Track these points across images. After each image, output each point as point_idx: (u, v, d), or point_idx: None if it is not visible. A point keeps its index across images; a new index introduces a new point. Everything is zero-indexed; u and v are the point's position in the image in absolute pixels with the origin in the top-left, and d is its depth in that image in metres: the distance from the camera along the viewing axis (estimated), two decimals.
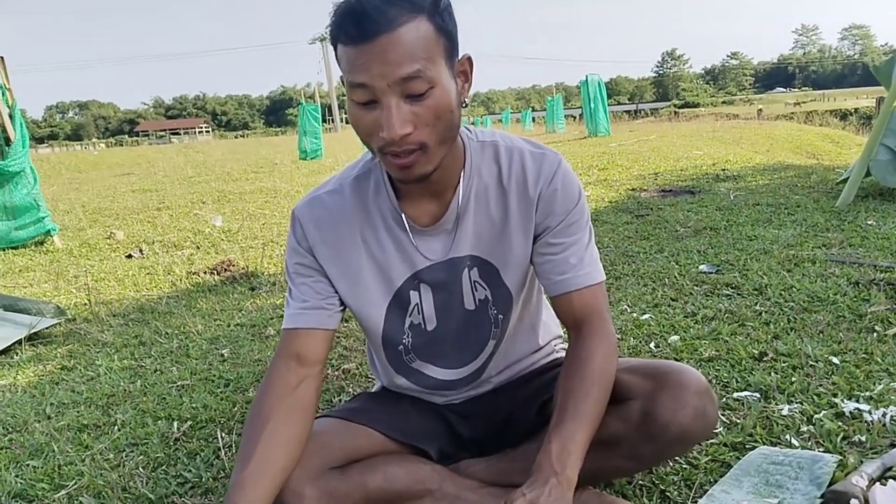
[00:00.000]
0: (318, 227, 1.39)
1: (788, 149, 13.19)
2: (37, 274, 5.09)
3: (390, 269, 1.40)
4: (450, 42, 1.16)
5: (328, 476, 1.33)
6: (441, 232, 1.38)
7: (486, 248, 1.40)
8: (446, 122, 1.18)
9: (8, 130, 6.13)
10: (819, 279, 3.04)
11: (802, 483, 1.52)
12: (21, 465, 2.02)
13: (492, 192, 1.38)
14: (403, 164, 1.18)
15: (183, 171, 16.59)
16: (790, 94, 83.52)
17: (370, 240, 1.39)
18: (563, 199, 1.36)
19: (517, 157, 1.37)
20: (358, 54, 1.10)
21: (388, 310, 1.43)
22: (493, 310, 1.46)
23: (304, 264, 1.41)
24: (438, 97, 1.14)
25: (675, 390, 1.28)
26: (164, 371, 2.72)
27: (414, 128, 1.14)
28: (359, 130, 1.18)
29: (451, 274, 1.41)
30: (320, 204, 1.40)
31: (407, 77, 1.10)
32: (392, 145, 1.14)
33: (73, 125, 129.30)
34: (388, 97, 1.11)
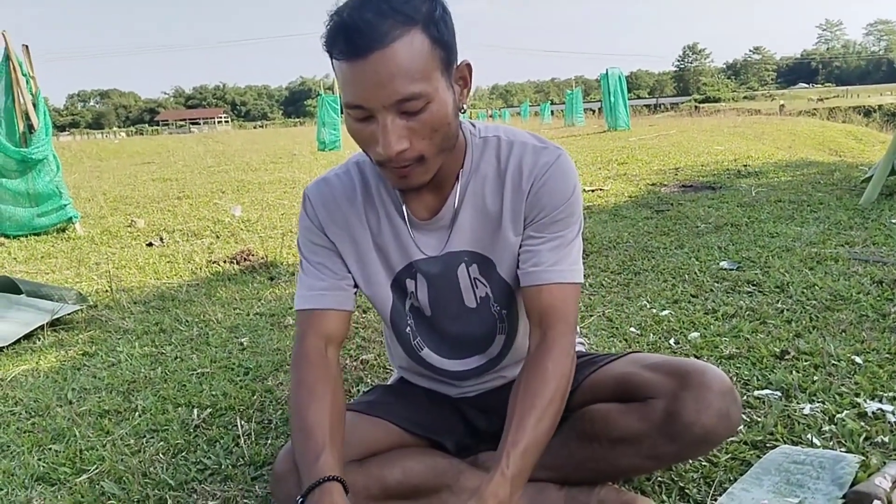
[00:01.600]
0: (327, 207, 1.41)
1: (811, 145, 13.06)
2: (59, 260, 5.14)
3: (389, 256, 1.42)
4: (446, 52, 1.14)
5: (346, 469, 1.32)
6: (438, 228, 1.38)
7: (483, 242, 1.39)
8: (443, 134, 1.17)
9: (31, 118, 6.19)
10: (842, 277, 3.01)
11: (824, 483, 1.50)
12: (43, 449, 2.05)
13: (489, 185, 1.36)
14: (400, 175, 1.19)
15: (202, 160, 16.70)
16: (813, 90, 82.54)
17: (373, 224, 1.41)
18: (552, 193, 1.32)
19: (517, 149, 1.36)
20: (351, 71, 1.09)
21: (392, 293, 1.46)
22: (495, 306, 1.45)
23: (318, 243, 1.43)
24: (434, 111, 1.13)
25: (699, 391, 1.27)
26: (184, 358, 2.74)
27: (410, 143, 1.14)
28: (355, 139, 1.19)
29: (445, 268, 1.40)
30: (328, 185, 1.43)
31: (402, 98, 1.09)
32: (389, 161, 1.15)
33: (94, 114, 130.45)
34: (382, 115, 1.11)
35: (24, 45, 6.23)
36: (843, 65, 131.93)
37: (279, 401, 2.26)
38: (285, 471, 1.29)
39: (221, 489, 1.74)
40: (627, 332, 2.61)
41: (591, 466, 1.42)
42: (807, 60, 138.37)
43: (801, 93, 75.19)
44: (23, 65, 6.14)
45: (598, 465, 1.41)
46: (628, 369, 1.41)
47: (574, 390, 1.44)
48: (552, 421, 1.24)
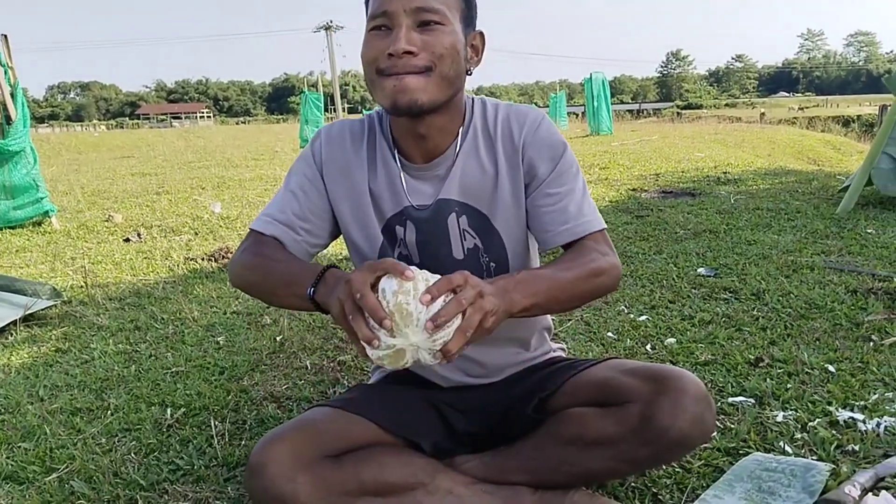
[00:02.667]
0: (333, 145, 1.51)
1: (790, 154, 13.20)
2: (33, 255, 5.07)
3: (382, 202, 1.49)
4: (468, 9, 1.32)
5: (322, 464, 1.32)
6: (432, 176, 1.47)
7: (476, 196, 1.46)
8: (450, 61, 1.30)
9: (9, 109, 6.10)
10: (817, 286, 3.04)
11: (795, 491, 1.52)
12: (13, 447, 2.02)
13: (481, 142, 1.46)
14: (399, 87, 1.27)
15: (183, 155, 16.57)
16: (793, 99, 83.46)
17: (371, 172, 1.49)
18: (548, 147, 1.44)
19: (502, 109, 1.48)
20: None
21: (382, 239, 1.51)
22: (484, 257, 1.49)
23: (308, 177, 1.51)
24: (447, 33, 1.28)
25: (675, 395, 1.28)
26: (158, 357, 2.72)
27: (420, 50, 1.26)
28: (367, 57, 1.32)
29: (435, 215, 1.46)
30: (342, 128, 1.54)
31: (423, 7, 1.25)
32: (396, 59, 1.26)
33: (74, 106, 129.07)
34: (401, 19, 1.26)
35: (2, 35, 6.13)
36: (823, 74, 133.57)
37: (254, 401, 2.24)
38: (260, 462, 1.28)
39: (193, 490, 1.72)
40: (605, 337, 2.62)
41: (566, 469, 1.42)
42: (788, 69, 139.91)
43: (781, 101, 76.07)
44: (1, 55, 6.05)
45: (572, 469, 1.42)
46: (607, 374, 1.42)
47: (553, 394, 1.46)
48: (577, 279, 1.32)
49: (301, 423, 1.40)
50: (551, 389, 1.47)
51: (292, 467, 1.28)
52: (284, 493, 1.26)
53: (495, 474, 1.47)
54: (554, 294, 1.29)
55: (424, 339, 1.12)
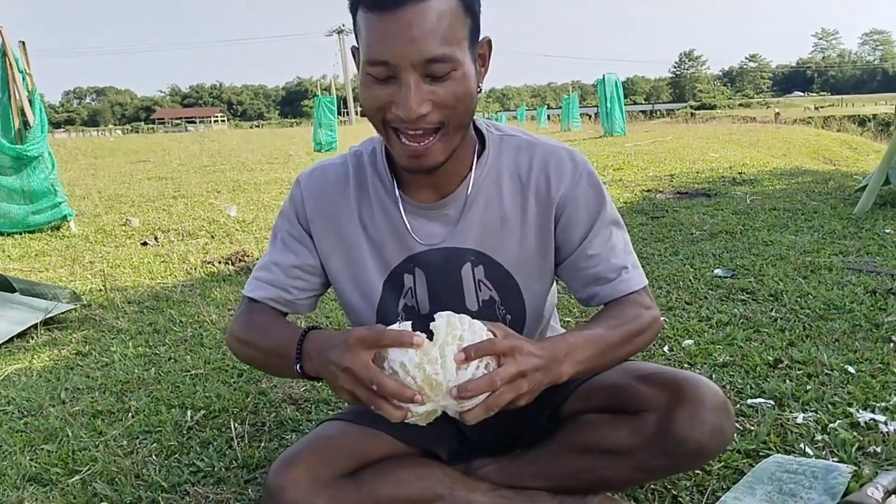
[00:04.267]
0: (317, 199, 1.38)
1: (806, 154, 13.11)
2: (53, 259, 5.13)
3: (385, 250, 1.38)
4: (475, 23, 1.14)
5: (339, 484, 1.30)
6: (440, 216, 1.35)
7: (494, 244, 1.35)
8: (465, 107, 1.15)
9: (27, 115, 6.17)
10: (835, 287, 3.02)
11: (816, 493, 1.51)
12: (36, 449, 2.04)
13: (507, 188, 1.34)
14: (415, 151, 1.16)
15: (198, 159, 16.68)
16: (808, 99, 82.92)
17: (366, 219, 1.37)
18: (586, 204, 1.33)
19: (540, 155, 1.34)
20: (381, 24, 1.06)
21: (383, 289, 1.40)
22: (500, 310, 1.41)
23: (295, 236, 1.41)
24: (460, 80, 1.11)
25: (693, 406, 1.25)
26: (178, 359, 2.74)
27: (432, 108, 1.11)
28: (369, 103, 1.15)
29: (448, 263, 1.36)
30: (322, 175, 1.40)
31: (431, 59, 1.07)
32: (406, 123, 1.12)
33: (90, 111, 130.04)
34: (408, 75, 1.08)
35: (20, 42, 6.21)
36: (838, 74, 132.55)
37: (273, 403, 2.26)
38: (279, 487, 1.26)
39: (214, 492, 1.74)
40: None
41: (584, 477, 1.40)
42: (802, 69, 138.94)
43: (796, 101, 75.53)
44: (19, 61, 6.11)
45: (589, 477, 1.40)
46: (621, 380, 1.39)
47: (566, 397, 1.44)
48: (622, 341, 1.26)
49: (315, 441, 1.36)
50: (564, 395, 1.43)
51: (309, 490, 1.25)
52: None
53: (513, 479, 1.45)
54: (599, 359, 1.23)
55: (452, 403, 1.07)
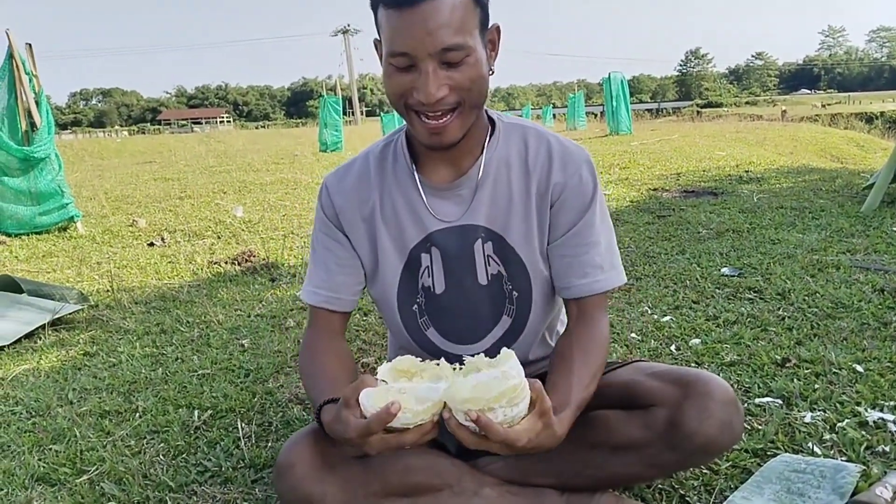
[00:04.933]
0: (343, 194, 1.47)
1: (813, 151, 13.07)
2: (60, 259, 5.15)
3: (404, 232, 1.45)
4: (484, 12, 1.24)
5: (349, 465, 1.33)
6: (455, 196, 1.43)
7: (502, 223, 1.43)
8: (478, 88, 1.25)
9: (34, 116, 6.20)
10: (843, 285, 3.01)
11: (825, 492, 1.50)
12: (44, 449, 2.05)
13: (515, 170, 1.42)
14: (435, 128, 1.26)
15: (204, 160, 16.72)
16: (815, 96, 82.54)
17: (387, 205, 1.46)
18: (580, 195, 1.40)
19: (545, 141, 1.43)
20: (401, 19, 1.17)
21: (402, 272, 1.48)
22: (507, 285, 1.47)
23: (329, 234, 1.49)
24: (473, 65, 1.22)
25: (702, 400, 1.27)
26: (185, 359, 2.74)
27: (449, 91, 1.22)
28: (392, 90, 1.26)
29: (462, 241, 1.44)
30: (347, 173, 1.50)
31: (447, 48, 1.18)
32: (427, 106, 1.22)
33: (96, 112, 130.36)
34: (426, 63, 1.19)
35: (27, 44, 6.23)
36: (845, 71, 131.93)
37: (279, 403, 2.26)
38: (288, 463, 1.29)
39: (222, 491, 1.74)
40: (628, 338, 2.61)
41: (592, 473, 1.41)
42: (809, 66, 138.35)
43: (803, 99, 75.24)
44: (26, 63, 6.15)
45: (598, 472, 1.41)
46: (632, 377, 1.41)
47: None
48: (594, 387, 1.32)
49: None
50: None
51: (320, 468, 1.29)
52: (312, 493, 1.27)
53: (520, 476, 1.47)
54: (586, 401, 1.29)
55: None
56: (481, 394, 1.05)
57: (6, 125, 6.18)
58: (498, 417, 1.06)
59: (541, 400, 1.11)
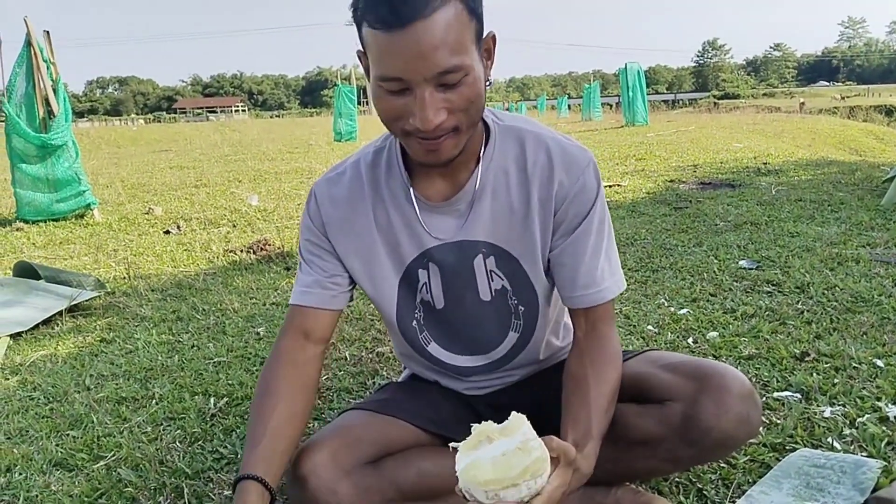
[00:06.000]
0: (334, 204, 1.39)
1: (831, 144, 12.94)
2: (77, 246, 5.18)
3: (399, 247, 1.38)
4: (479, 23, 1.13)
5: (362, 472, 1.31)
6: (452, 211, 1.34)
7: (504, 236, 1.35)
8: (477, 108, 1.16)
9: (52, 104, 6.23)
10: (863, 279, 2.97)
11: (845, 488, 1.49)
12: (62, 435, 2.07)
13: (513, 178, 1.33)
14: (431, 148, 1.16)
15: (219, 149, 16.78)
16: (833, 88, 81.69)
17: (381, 217, 1.37)
18: (585, 201, 1.31)
19: (544, 145, 1.33)
20: (389, 43, 1.05)
21: (399, 287, 1.42)
22: (512, 300, 1.42)
23: (314, 242, 1.41)
24: (471, 84, 1.11)
25: (719, 394, 1.24)
26: (201, 347, 2.75)
27: (447, 115, 1.12)
28: (384, 114, 1.16)
29: (460, 257, 1.37)
30: (337, 181, 1.41)
31: (443, 71, 1.07)
32: (424, 132, 1.12)
33: (112, 100, 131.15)
34: (422, 87, 1.08)
35: (45, 31, 6.27)
36: (864, 63, 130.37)
37: None
38: (302, 475, 1.25)
39: None
40: (645, 331, 2.59)
41: (608, 467, 1.39)
42: (828, 58, 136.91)
43: (821, 91, 74.46)
44: (43, 51, 6.17)
45: (614, 467, 1.39)
46: (645, 369, 1.39)
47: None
48: (613, 410, 1.29)
49: (338, 429, 1.37)
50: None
51: (333, 477, 1.26)
52: (328, 503, 1.26)
53: None
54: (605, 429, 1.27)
55: None
56: (504, 473, 1.00)
57: (24, 112, 6.22)
58: (522, 492, 1.02)
59: (564, 453, 1.08)
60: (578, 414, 1.24)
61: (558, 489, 1.06)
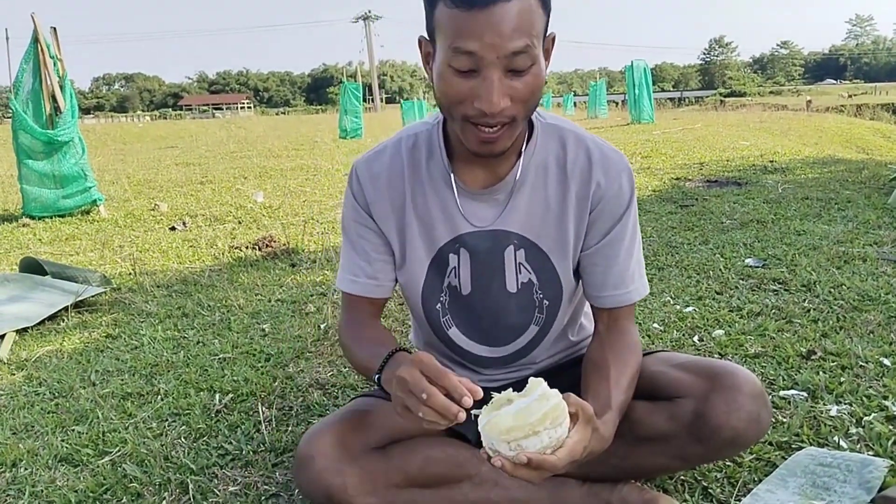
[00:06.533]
0: (374, 183, 1.41)
1: (838, 142, 12.89)
2: (83, 242, 5.19)
3: (434, 230, 1.41)
4: (548, 20, 1.17)
5: (369, 456, 1.33)
6: (490, 200, 1.37)
7: (537, 230, 1.38)
8: (536, 100, 1.20)
9: (58, 100, 6.24)
10: (870, 277, 2.96)
11: (851, 486, 1.48)
12: (67, 430, 2.07)
13: (552, 175, 1.37)
14: (487, 139, 1.19)
15: (225, 145, 16.79)
16: (840, 86, 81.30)
17: (418, 199, 1.40)
18: (619, 205, 1.36)
19: (584, 145, 1.37)
20: (469, 20, 1.08)
21: (429, 268, 1.44)
22: (538, 293, 1.44)
23: (360, 222, 1.44)
24: (536, 74, 1.15)
25: (730, 393, 1.26)
26: (206, 343, 2.76)
27: (511, 102, 1.15)
28: (446, 96, 1.17)
29: (493, 245, 1.39)
30: (377, 159, 1.43)
31: (517, 52, 1.10)
32: (485, 117, 1.15)
33: (118, 97, 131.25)
34: (492, 69, 1.11)
35: (52, 28, 6.27)
36: (872, 61, 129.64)
37: (300, 388, 2.26)
38: (308, 455, 1.29)
39: (242, 475, 1.75)
40: (650, 329, 2.58)
41: (615, 463, 1.40)
42: (835, 56, 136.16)
43: (828, 89, 74.16)
44: (50, 47, 6.18)
45: (621, 463, 1.40)
46: (657, 367, 1.40)
47: None
48: (632, 393, 1.32)
49: (347, 413, 1.40)
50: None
51: (339, 460, 1.28)
52: (332, 485, 1.27)
53: None
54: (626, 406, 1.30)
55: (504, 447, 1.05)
56: (524, 419, 1.02)
57: (31, 109, 6.23)
58: (543, 441, 1.03)
59: (582, 408, 1.09)
60: (598, 388, 1.27)
61: (579, 443, 1.07)
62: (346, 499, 1.27)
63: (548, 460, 1.03)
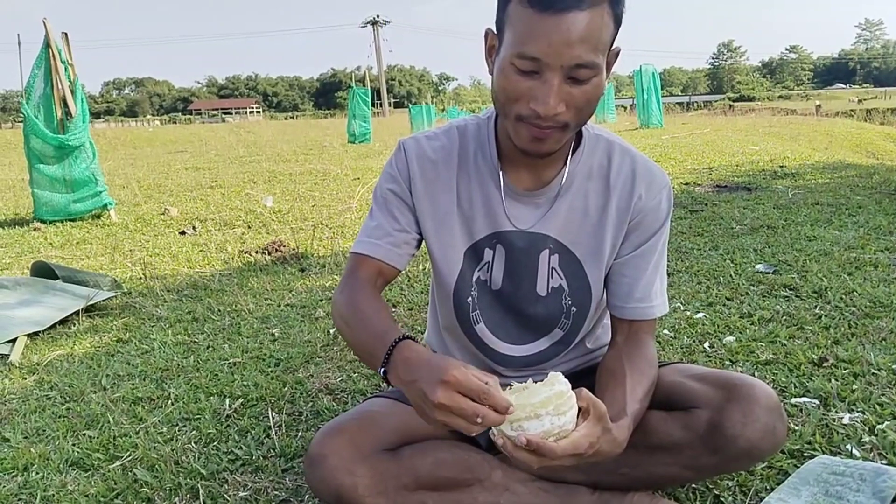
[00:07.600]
0: (421, 163, 1.42)
1: (848, 147, 12.83)
2: (93, 247, 5.22)
3: (474, 223, 1.43)
4: (616, 33, 1.18)
5: (380, 457, 1.33)
6: (533, 202, 1.40)
7: (573, 237, 1.41)
8: (590, 110, 1.21)
9: (69, 105, 6.28)
10: (882, 284, 2.94)
11: (864, 496, 1.47)
12: (78, 434, 2.08)
13: (595, 184, 1.40)
14: (538, 136, 1.20)
15: (234, 150, 16.85)
16: (850, 91, 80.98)
17: (462, 191, 1.42)
18: (658, 219, 1.40)
19: (629, 158, 1.41)
20: (541, 23, 1.09)
21: (464, 257, 1.46)
22: (567, 300, 1.46)
23: (397, 193, 1.44)
24: (595, 86, 1.16)
25: (746, 404, 1.25)
26: (216, 348, 2.76)
27: (566, 108, 1.16)
28: (504, 92, 1.19)
29: (529, 247, 1.42)
30: (427, 143, 1.45)
31: (581, 64, 1.11)
32: (539, 119, 1.16)
33: (128, 101, 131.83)
34: (553, 74, 1.12)
35: (63, 33, 6.31)
36: (882, 65, 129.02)
37: (309, 393, 2.27)
38: (320, 454, 1.29)
39: (252, 480, 1.75)
40: (661, 335, 2.57)
41: (626, 472, 1.40)
42: (844, 60, 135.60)
43: (838, 93, 73.85)
44: (62, 52, 6.22)
45: (632, 471, 1.39)
46: (673, 378, 1.40)
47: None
48: (647, 403, 1.32)
49: (359, 414, 1.40)
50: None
51: (351, 459, 1.28)
52: (343, 485, 1.27)
53: (552, 472, 1.45)
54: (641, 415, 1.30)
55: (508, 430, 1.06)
56: (526, 399, 1.03)
57: (42, 113, 6.26)
58: (545, 425, 1.04)
59: (593, 405, 1.09)
60: (614, 394, 1.27)
61: (585, 438, 1.07)
62: (357, 498, 1.27)
63: (546, 445, 1.04)
